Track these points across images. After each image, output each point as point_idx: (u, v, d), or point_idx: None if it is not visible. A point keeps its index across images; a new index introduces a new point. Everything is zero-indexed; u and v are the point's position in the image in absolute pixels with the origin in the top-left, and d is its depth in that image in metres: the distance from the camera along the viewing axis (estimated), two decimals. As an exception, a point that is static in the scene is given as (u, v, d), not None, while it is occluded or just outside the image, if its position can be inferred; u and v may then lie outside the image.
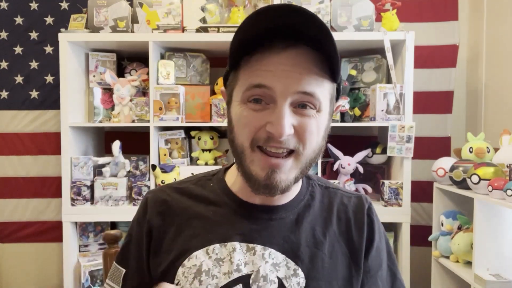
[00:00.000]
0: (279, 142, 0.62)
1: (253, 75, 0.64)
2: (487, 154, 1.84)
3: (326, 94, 0.66)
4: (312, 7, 2.02)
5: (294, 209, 0.74)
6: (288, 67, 0.63)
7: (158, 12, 2.03)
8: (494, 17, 2.18)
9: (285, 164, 0.64)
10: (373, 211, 0.78)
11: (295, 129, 0.63)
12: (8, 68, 2.38)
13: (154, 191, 0.79)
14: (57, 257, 2.35)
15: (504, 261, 1.67)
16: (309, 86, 0.63)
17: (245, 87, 0.64)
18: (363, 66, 2.17)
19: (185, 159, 2.11)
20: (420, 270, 2.19)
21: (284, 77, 0.62)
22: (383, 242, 0.77)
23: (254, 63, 0.64)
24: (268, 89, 0.62)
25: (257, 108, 0.64)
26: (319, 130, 0.66)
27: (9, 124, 2.38)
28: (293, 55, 0.63)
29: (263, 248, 0.69)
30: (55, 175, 2.36)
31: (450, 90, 2.34)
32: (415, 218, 2.31)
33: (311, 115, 0.64)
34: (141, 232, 0.76)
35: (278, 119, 0.61)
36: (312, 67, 0.64)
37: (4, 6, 2.37)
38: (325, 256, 0.71)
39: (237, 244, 0.69)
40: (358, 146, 2.15)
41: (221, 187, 0.76)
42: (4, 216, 2.41)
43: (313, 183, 0.79)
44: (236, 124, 0.66)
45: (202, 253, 0.69)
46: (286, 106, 0.62)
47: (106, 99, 2.15)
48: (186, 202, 0.75)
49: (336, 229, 0.74)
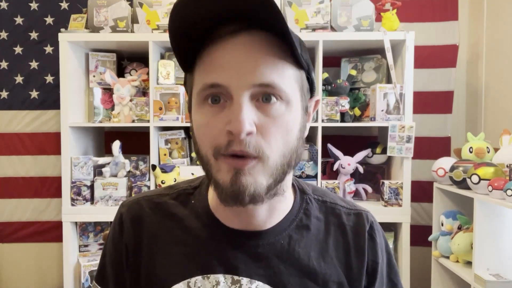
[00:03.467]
0: (240, 143, 0.53)
1: (206, 73, 0.56)
2: (487, 154, 1.85)
3: (292, 83, 0.57)
4: (312, 7, 2.02)
5: (285, 231, 0.65)
6: (241, 56, 0.54)
7: (158, 12, 2.04)
8: (494, 17, 2.18)
9: (251, 164, 0.54)
10: (375, 231, 0.69)
11: (258, 127, 0.54)
12: (8, 68, 2.38)
13: (129, 206, 0.70)
14: (57, 257, 2.35)
15: (504, 261, 1.67)
16: (267, 76, 0.54)
17: (199, 87, 0.56)
18: (363, 66, 2.17)
19: (185, 159, 2.11)
20: (420, 270, 2.19)
21: (237, 69, 0.54)
22: (385, 260, 0.70)
23: (205, 57, 0.56)
24: (221, 87, 0.54)
25: (215, 109, 0.55)
26: (288, 127, 0.56)
27: (9, 124, 2.38)
28: (245, 41, 0.54)
29: (249, 281, 0.62)
30: (55, 175, 2.36)
31: (450, 90, 2.34)
32: (415, 218, 2.31)
33: (277, 108, 0.55)
34: (119, 253, 0.68)
35: (236, 114, 0.53)
36: (269, 52, 0.55)
37: (4, 6, 2.37)
38: (318, 287, 0.63)
39: (221, 276, 0.62)
40: (358, 146, 2.15)
41: (202, 206, 0.67)
42: (4, 216, 2.41)
43: (307, 199, 0.69)
44: (197, 133, 0.58)
45: (183, 286, 0.62)
46: (244, 100, 0.54)
47: (106, 99, 2.15)
48: (164, 223, 0.67)
49: (333, 254, 0.66)
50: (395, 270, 0.72)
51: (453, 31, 2.33)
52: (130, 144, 2.19)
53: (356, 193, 2.12)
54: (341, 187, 2.04)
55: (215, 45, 0.55)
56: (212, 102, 0.56)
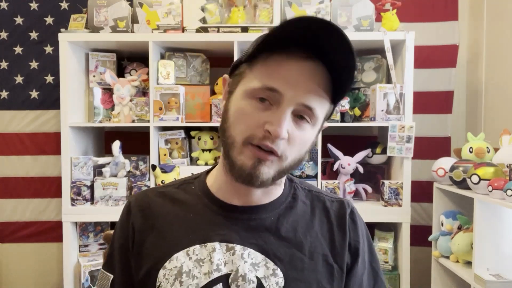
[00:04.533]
0: (273, 142, 0.64)
1: (269, 77, 0.65)
2: (487, 154, 1.85)
3: (324, 112, 0.69)
4: (312, 7, 2.02)
5: (275, 210, 0.74)
6: (303, 78, 0.65)
7: (158, 12, 2.04)
8: (494, 17, 2.18)
9: (270, 159, 0.66)
10: (355, 214, 0.79)
11: (288, 135, 0.65)
12: (8, 68, 2.38)
13: (137, 196, 0.80)
14: (57, 257, 2.35)
15: (504, 261, 1.67)
16: (313, 102, 0.66)
17: (258, 85, 0.65)
18: (363, 66, 2.17)
19: (185, 159, 2.12)
20: (420, 270, 2.19)
21: (295, 86, 0.64)
22: (366, 244, 0.78)
23: (273, 64, 0.66)
24: (278, 93, 0.64)
25: (261, 107, 0.65)
26: (306, 143, 0.69)
27: (9, 124, 2.38)
28: (312, 68, 0.66)
29: (242, 248, 0.70)
30: (55, 175, 2.36)
31: (450, 90, 2.34)
32: (415, 218, 2.31)
33: (305, 128, 0.67)
34: (125, 236, 0.76)
35: (280, 120, 0.64)
36: (323, 85, 0.67)
37: (4, 6, 2.37)
38: (305, 257, 0.71)
39: (217, 244, 0.70)
40: (358, 146, 2.15)
41: (202, 189, 0.77)
42: (4, 216, 2.41)
43: (295, 186, 0.80)
44: (233, 115, 0.67)
45: (182, 254, 0.70)
46: (289, 111, 0.65)
47: (106, 99, 2.15)
48: (168, 206, 0.76)
49: (318, 230, 0.75)
50: (376, 259, 0.81)
51: (453, 31, 2.33)
52: (130, 144, 2.19)
53: (356, 193, 2.12)
54: (341, 187, 2.04)
55: (287, 59, 0.65)
56: (259, 100, 0.66)
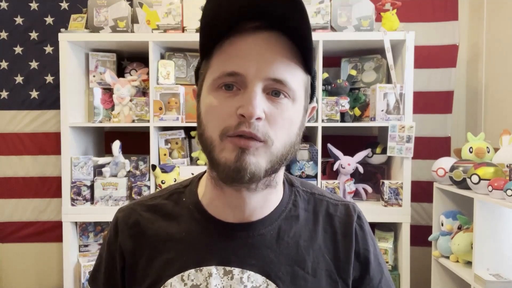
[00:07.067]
0: (250, 125, 0.57)
1: (226, 61, 0.59)
2: (487, 154, 1.85)
3: (300, 84, 0.62)
4: (312, 7, 2.02)
5: (274, 222, 0.68)
6: (261, 50, 0.59)
7: (158, 12, 2.04)
8: (494, 17, 2.18)
9: (255, 146, 0.58)
10: (363, 220, 0.73)
11: (266, 115, 0.58)
12: (8, 68, 2.38)
13: (125, 211, 0.73)
14: (57, 257, 2.35)
15: (504, 261, 1.67)
16: (281, 73, 0.59)
17: (218, 74, 0.60)
18: (363, 66, 2.17)
19: (185, 159, 2.11)
20: (420, 270, 2.19)
21: (256, 61, 0.58)
22: (376, 249, 0.74)
23: (227, 47, 0.60)
24: (240, 75, 0.58)
25: (228, 95, 0.59)
26: (292, 121, 0.61)
27: (9, 124, 2.38)
28: (266, 37, 0.59)
29: (241, 271, 0.65)
30: (55, 175, 2.36)
31: (450, 90, 2.34)
32: (415, 218, 2.32)
33: (284, 104, 0.60)
34: (113, 255, 0.71)
35: (249, 99, 0.57)
36: (285, 52, 0.60)
37: (4, 6, 2.37)
38: (308, 275, 0.66)
39: (213, 268, 0.65)
40: (358, 146, 2.15)
41: (193, 202, 0.70)
42: (4, 216, 2.41)
43: (296, 191, 0.73)
44: (205, 116, 0.62)
45: (177, 280, 0.65)
46: (258, 89, 0.58)
47: (106, 99, 2.15)
48: (159, 223, 0.70)
49: (321, 242, 0.69)
50: (382, 258, 0.75)
51: (453, 31, 2.33)
52: (130, 144, 2.19)
53: (356, 193, 2.12)
54: (341, 187, 2.04)
55: (238, 38, 0.59)
56: (225, 89, 0.60)
